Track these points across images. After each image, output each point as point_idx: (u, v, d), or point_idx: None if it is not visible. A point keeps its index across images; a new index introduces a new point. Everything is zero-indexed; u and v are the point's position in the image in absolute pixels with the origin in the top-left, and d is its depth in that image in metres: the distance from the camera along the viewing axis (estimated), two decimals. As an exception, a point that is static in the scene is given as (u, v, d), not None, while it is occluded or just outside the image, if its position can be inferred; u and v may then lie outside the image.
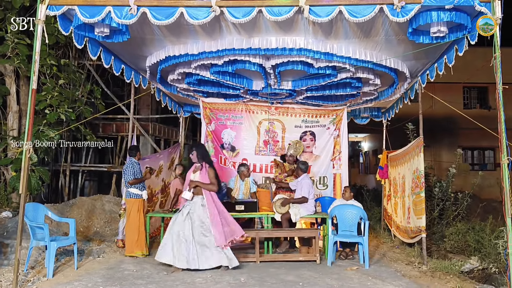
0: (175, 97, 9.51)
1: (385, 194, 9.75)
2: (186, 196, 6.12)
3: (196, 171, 6.32)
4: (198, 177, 6.24)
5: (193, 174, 6.33)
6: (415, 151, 7.22)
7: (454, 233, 7.67)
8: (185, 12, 5.03)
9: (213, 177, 6.25)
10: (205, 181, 6.19)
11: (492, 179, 14.43)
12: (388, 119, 9.93)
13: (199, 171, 6.29)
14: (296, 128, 9.58)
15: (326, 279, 5.66)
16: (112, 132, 13.99)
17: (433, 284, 5.62)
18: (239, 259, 6.12)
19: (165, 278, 5.66)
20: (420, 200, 6.79)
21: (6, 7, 8.97)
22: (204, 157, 6.40)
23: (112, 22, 5.19)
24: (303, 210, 7.32)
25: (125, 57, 7.09)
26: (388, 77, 7.27)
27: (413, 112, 8.32)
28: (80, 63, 12.06)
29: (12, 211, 8.92)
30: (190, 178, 6.30)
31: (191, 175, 6.33)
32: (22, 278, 5.46)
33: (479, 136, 11.86)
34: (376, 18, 5.07)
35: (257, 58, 6.51)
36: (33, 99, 5.15)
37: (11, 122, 10.07)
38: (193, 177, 6.28)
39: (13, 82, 10.04)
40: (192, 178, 6.27)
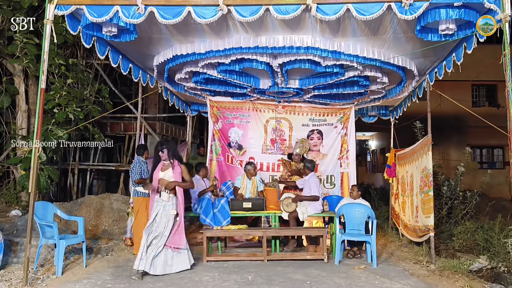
0: (183, 96, 9.54)
1: (393, 192, 9.71)
2: (164, 198, 5.89)
3: (166, 169, 6.02)
4: (170, 175, 5.98)
5: (161, 172, 6.01)
6: (423, 149, 7.17)
7: (463, 232, 7.62)
8: (192, 11, 5.04)
9: (187, 174, 6.12)
10: (178, 179, 6.01)
11: (501, 178, 14.35)
12: (396, 117, 9.88)
13: (170, 169, 6.00)
14: (303, 126, 9.56)
15: (333, 277, 5.65)
16: (120, 131, 14.06)
17: (442, 283, 5.59)
18: (247, 257, 6.11)
19: (173, 276, 5.68)
20: (429, 199, 6.75)
21: (15, 7, 9.03)
22: (175, 155, 6.13)
23: (120, 21, 5.22)
24: (311, 208, 7.31)
25: (133, 56, 7.12)
26: (396, 75, 7.24)
27: (421, 110, 8.27)
28: (88, 62, 12.13)
29: (22, 210, 9.01)
30: (159, 177, 5.98)
31: (160, 174, 6.01)
32: (32, 276, 5.51)
33: (488, 134, 11.75)
34: (384, 15, 5.05)
35: (264, 57, 6.50)
36: (42, 99, 5.20)
37: (20, 121, 10.15)
38: (163, 175, 5.98)
39: (22, 82, 10.12)
40: (162, 177, 5.97)
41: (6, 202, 9.72)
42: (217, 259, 6.75)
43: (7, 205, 9.62)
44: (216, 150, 9.41)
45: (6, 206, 9.56)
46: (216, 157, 9.39)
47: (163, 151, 6.03)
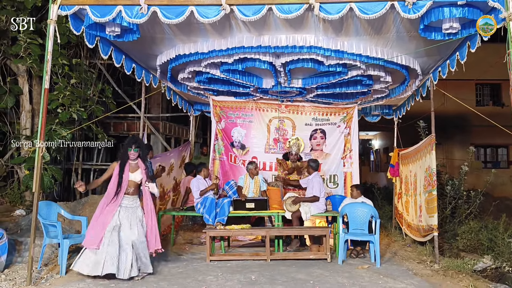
0: (186, 95, 9.54)
1: (396, 192, 9.69)
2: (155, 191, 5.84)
3: (135, 170, 5.74)
4: (143, 175, 5.75)
5: (132, 174, 5.70)
6: (427, 148, 7.16)
7: (467, 232, 7.60)
8: (195, 10, 5.04)
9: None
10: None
11: (505, 177, 14.33)
12: (399, 116, 9.87)
13: (140, 169, 5.75)
14: (306, 126, 9.55)
15: (337, 277, 5.64)
16: (123, 131, 14.07)
17: (445, 283, 5.57)
18: (250, 257, 6.10)
19: (176, 275, 5.69)
20: (432, 198, 6.73)
21: (18, 8, 9.05)
22: (145, 155, 5.93)
23: (123, 21, 5.23)
24: (314, 208, 7.31)
25: (136, 56, 7.13)
26: (399, 74, 7.22)
27: (424, 109, 8.25)
28: (92, 62, 12.15)
29: (26, 209, 9.03)
30: (129, 179, 5.67)
31: (130, 174, 5.68)
32: (36, 275, 5.52)
33: (492, 133, 11.75)
34: (387, 14, 5.04)
35: (267, 56, 6.50)
36: (46, 99, 5.21)
37: (24, 121, 10.18)
38: (134, 177, 5.70)
39: (26, 82, 10.15)
40: (133, 179, 5.69)
41: (10, 202, 9.75)
42: (220, 258, 6.76)
43: (11, 204, 9.65)
44: (219, 150, 9.41)
45: (10, 205, 9.59)
46: (219, 157, 9.40)
47: (137, 150, 5.71)
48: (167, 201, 8.86)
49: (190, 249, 7.65)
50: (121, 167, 5.67)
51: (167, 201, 8.84)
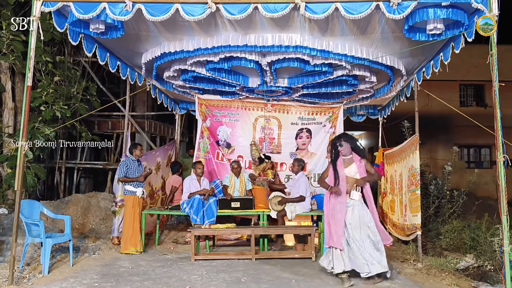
0: (171, 94, 9.49)
1: (381, 191, 9.76)
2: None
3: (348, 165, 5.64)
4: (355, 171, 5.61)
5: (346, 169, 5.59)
6: (410, 148, 7.22)
7: (450, 231, 7.68)
8: (180, 8, 5.02)
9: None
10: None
11: (488, 177, 14.50)
12: (384, 116, 9.94)
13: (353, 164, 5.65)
14: (292, 125, 9.58)
15: (321, 275, 5.66)
16: (107, 130, 13.97)
17: (429, 281, 5.63)
18: (235, 256, 6.08)
19: (161, 275, 5.66)
20: (416, 198, 6.79)
21: (1, 3, 8.91)
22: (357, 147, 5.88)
23: (107, 18, 5.19)
24: (299, 207, 7.33)
25: (121, 54, 7.06)
26: (384, 74, 7.27)
27: (409, 109, 8.31)
28: (76, 60, 12.01)
29: (8, 208, 8.88)
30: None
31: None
32: (18, 275, 5.44)
33: (476, 133, 11.87)
34: (372, 15, 5.07)
35: (253, 55, 6.49)
36: (28, 96, 5.14)
37: (7, 119, 10.02)
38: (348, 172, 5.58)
39: (8, 79, 9.99)
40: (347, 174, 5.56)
41: (-9, 201, 9.60)
42: (205, 257, 6.73)
43: (-8, 203, 9.50)
44: (204, 148, 9.38)
45: (-8, 204, 9.43)
46: (204, 155, 9.37)
47: (342, 145, 5.59)
48: (157, 200, 8.83)
49: (175, 249, 7.61)
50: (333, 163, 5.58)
51: (156, 200, 8.82)
